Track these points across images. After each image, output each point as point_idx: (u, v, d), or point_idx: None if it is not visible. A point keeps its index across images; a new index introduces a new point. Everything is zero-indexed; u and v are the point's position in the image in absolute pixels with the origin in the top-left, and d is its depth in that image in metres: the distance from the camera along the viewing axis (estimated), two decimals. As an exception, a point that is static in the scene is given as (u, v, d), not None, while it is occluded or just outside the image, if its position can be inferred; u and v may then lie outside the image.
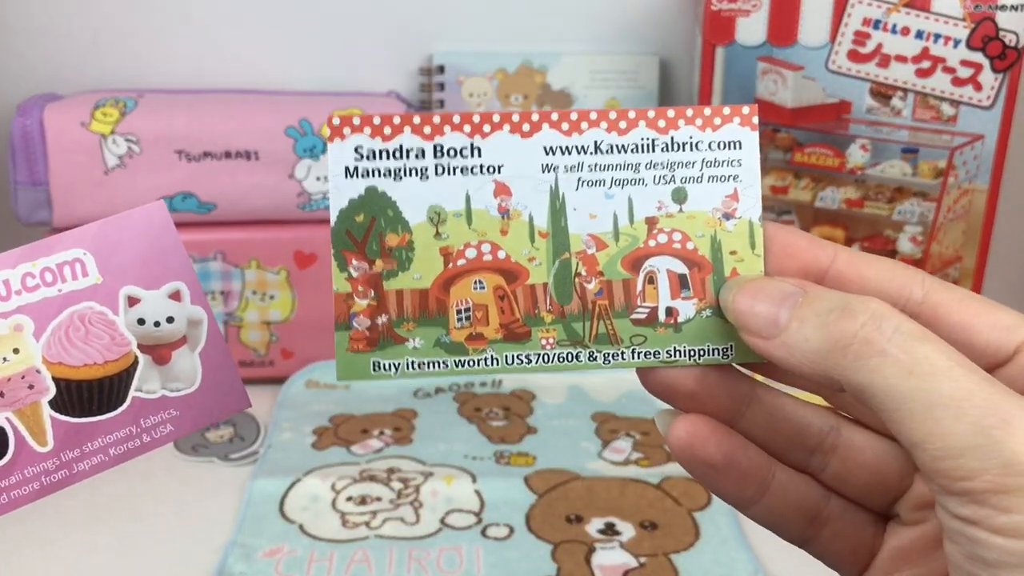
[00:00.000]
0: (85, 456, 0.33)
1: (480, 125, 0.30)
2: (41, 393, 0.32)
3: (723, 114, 0.31)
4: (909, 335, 0.26)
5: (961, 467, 0.25)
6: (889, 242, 0.71)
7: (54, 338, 0.33)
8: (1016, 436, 0.24)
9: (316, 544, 0.57)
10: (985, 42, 0.66)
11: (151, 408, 0.33)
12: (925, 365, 0.26)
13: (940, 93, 0.68)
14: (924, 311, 0.30)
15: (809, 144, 0.70)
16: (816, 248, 0.31)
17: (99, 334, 0.33)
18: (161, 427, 0.34)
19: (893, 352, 0.26)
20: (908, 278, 0.30)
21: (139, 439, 0.33)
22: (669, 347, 0.31)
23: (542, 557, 0.57)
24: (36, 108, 0.70)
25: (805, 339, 0.27)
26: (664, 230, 0.31)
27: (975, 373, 0.26)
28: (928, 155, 0.69)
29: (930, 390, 0.25)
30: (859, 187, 0.71)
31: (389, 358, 0.30)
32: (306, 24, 0.79)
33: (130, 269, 0.33)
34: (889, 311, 0.27)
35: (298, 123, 0.71)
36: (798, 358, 0.28)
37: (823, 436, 0.32)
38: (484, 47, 0.79)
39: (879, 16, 0.67)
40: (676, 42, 0.79)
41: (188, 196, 0.71)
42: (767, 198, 0.72)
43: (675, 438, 0.31)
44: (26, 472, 0.32)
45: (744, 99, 0.70)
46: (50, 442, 0.33)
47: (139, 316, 0.33)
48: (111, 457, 0.33)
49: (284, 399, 0.72)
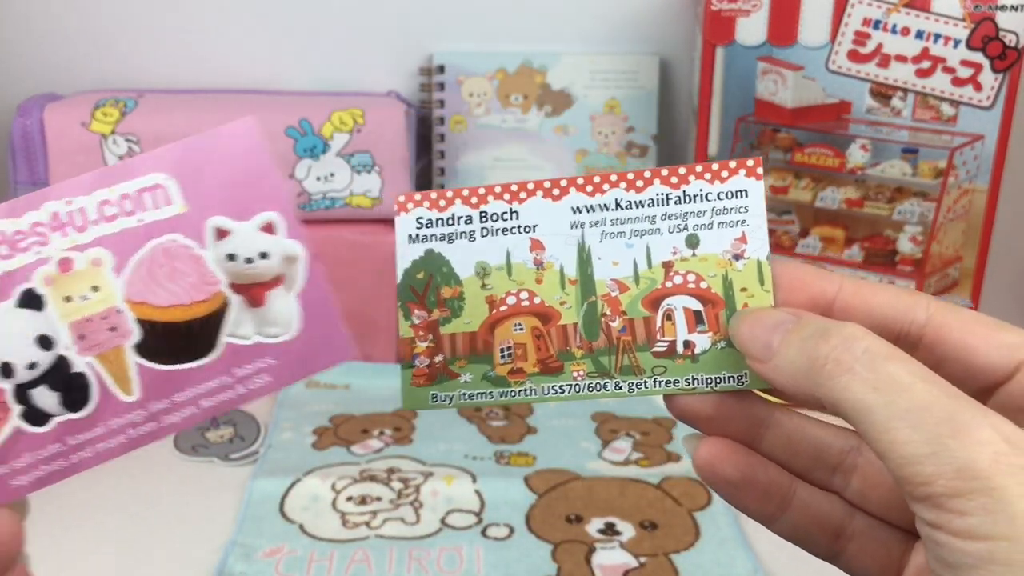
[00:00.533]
0: (175, 407, 0.30)
1: (517, 192, 0.34)
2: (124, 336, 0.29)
3: (730, 167, 0.34)
4: (876, 355, 0.28)
5: (920, 473, 0.27)
6: (889, 242, 0.71)
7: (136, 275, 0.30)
8: (969, 444, 0.26)
9: (316, 544, 0.57)
10: (985, 42, 0.66)
11: (245, 355, 0.30)
12: (889, 381, 0.28)
13: (940, 93, 0.68)
14: (928, 333, 0.32)
15: (809, 144, 0.70)
16: (822, 281, 0.33)
17: (185, 271, 0.30)
18: (257, 377, 0.31)
19: (859, 371, 0.28)
20: (912, 303, 0.32)
21: (233, 390, 0.31)
22: (688, 376, 0.34)
23: (542, 557, 0.57)
24: (36, 108, 0.70)
25: (791, 361, 0.30)
26: (680, 272, 0.34)
27: (937, 387, 0.28)
28: (928, 155, 0.69)
29: (892, 404, 0.27)
30: (859, 187, 0.71)
31: (445, 391, 0.34)
32: (306, 24, 0.79)
33: (217, 197, 0.30)
34: (862, 333, 0.29)
35: (298, 123, 0.71)
36: (785, 378, 0.30)
37: (843, 456, 0.34)
38: (484, 47, 0.79)
39: (879, 16, 0.67)
40: (676, 42, 0.79)
41: (188, 196, 0.71)
42: (767, 198, 0.72)
43: (698, 459, 0.34)
44: (111, 424, 0.30)
45: (744, 99, 0.70)
46: (136, 391, 0.30)
47: (229, 251, 0.30)
48: (203, 409, 0.30)
49: (284, 399, 0.72)
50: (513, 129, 0.79)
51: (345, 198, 0.72)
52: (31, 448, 0.30)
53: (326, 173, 0.71)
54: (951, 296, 0.72)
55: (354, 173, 0.72)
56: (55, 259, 0.29)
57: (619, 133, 0.79)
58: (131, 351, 0.30)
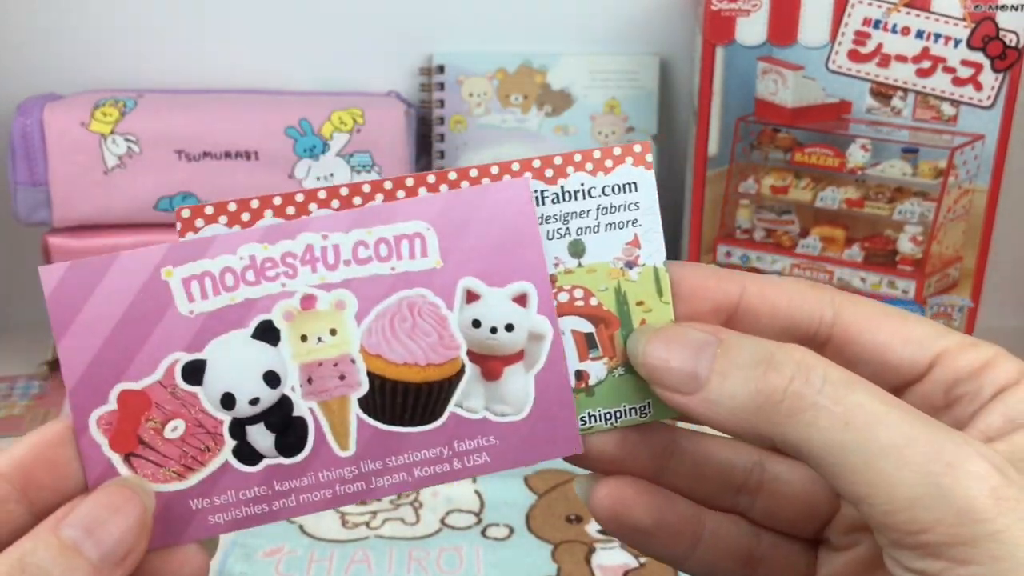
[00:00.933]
0: (387, 471, 0.28)
1: (327, 200, 0.29)
2: (352, 387, 0.28)
3: (614, 155, 0.30)
4: (839, 383, 0.25)
5: (914, 520, 0.24)
6: (889, 242, 0.71)
7: (377, 325, 0.28)
8: (964, 481, 0.24)
9: (316, 544, 0.57)
10: (985, 42, 0.66)
11: (469, 430, 0.29)
12: (860, 414, 0.25)
13: (940, 93, 0.67)
14: (836, 333, 0.29)
15: (809, 144, 0.70)
16: (724, 283, 0.30)
17: (427, 330, 0.28)
18: (476, 455, 0.29)
19: (825, 404, 0.25)
20: (817, 300, 0.29)
21: (449, 464, 0.29)
22: (583, 413, 0.30)
23: (542, 557, 0.57)
24: (36, 108, 0.70)
25: (731, 396, 0.26)
26: (564, 288, 0.30)
27: (912, 415, 0.25)
28: (928, 155, 0.69)
29: (870, 440, 0.24)
30: (859, 187, 0.71)
31: None
32: (306, 24, 0.78)
33: (475, 257, 0.28)
34: (814, 359, 0.26)
35: (298, 123, 0.71)
36: (724, 415, 0.27)
37: (748, 474, 0.32)
38: (484, 47, 0.79)
39: (879, 16, 0.67)
40: (676, 42, 0.79)
41: (188, 196, 0.71)
42: (768, 198, 0.72)
43: (599, 507, 0.30)
44: (321, 476, 0.28)
45: (744, 99, 0.70)
46: (352, 446, 0.28)
47: (475, 316, 0.28)
48: (414, 479, 0.29)
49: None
50: (513, 129, 0.79)
51: (345, 198, 0.72)
52: (236, 486, 0.28)
53: (326, 173, 0.71)
54: (952, 296, 0.72)
55: (354, 173, 0.72)
56: (299, 294, 0.28)
57: (619, 133, 0.79)
58: (355, 404, 0.28)
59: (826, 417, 0.25)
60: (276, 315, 0.28)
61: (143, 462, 0.28)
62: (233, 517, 0.28)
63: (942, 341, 0.28)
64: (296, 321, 0.28)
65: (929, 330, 0.29)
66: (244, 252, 0.28)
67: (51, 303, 0.27)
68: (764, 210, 0.73)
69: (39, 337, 0.77)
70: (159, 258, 0.28)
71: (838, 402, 0.25)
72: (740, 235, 0.73)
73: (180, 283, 0.28)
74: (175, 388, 0.28)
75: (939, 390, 0.28)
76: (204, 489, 0.28)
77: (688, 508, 0.31)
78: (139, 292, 0.27)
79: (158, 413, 0.28)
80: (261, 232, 0.28)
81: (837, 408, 0.25)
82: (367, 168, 0.72)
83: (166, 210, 0.71)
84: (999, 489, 0.23)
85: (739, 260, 0.73)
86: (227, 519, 0.28)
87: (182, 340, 0.28)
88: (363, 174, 0.72)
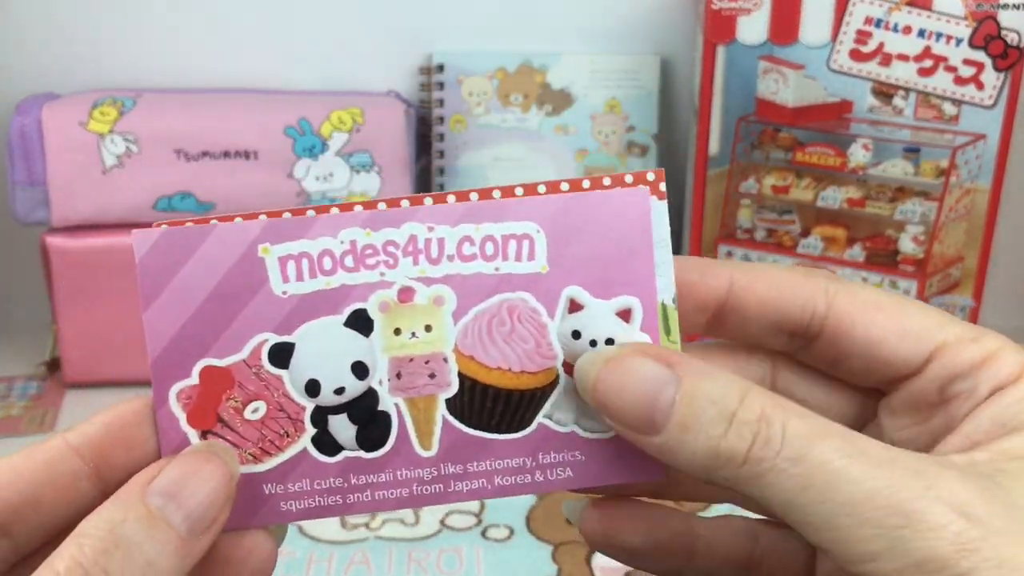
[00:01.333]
0: (467, 476, 0.28)
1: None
2: (441, 387, 0.27)
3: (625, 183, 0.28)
4: (797, 439, 0.24)
5: (877, 570, 0.24)
6: (891, 242, 0.71)
7: (474, 325, 0.27)
8: (922, 532, 0.23)
9: (316, 545, 0.57)
10: (987, 41, 0.66)
11: (555, 443, 0.28)
12: (819, 473, 0.24)
13: (942, 92, 0.67)
14: (828, 325, 0.28)
15: (810, 143, 0.70)
16: (709, 278, 0.29)
17: (525, 336, 0.27)
18: (559, 469, 0.28)
19: (784, 467, 0.24)
20: (809, 292, 0.28)
21: (531, 475, 0.28)
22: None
23: (543, 558, 0.56)
24: (34, 107, 0.70)
25: (692, 451, 0.25)
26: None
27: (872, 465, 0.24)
28: (930, 154, 0.69)
29: (829, 499, 0.24)
30: (861, 187, 0.70)
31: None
32: (306, 23, 0.78)
33: (583, 265, 0.27)
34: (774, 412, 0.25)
35: (297, 123, 0.71)
36: (682, 464, 0.26)
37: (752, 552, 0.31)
38: (484, 46, 0.79)
39: (881, 15, 0.67)
40: (677, 41, 0.79)
41: (187, 196, 0.70)
42: (769, 198, 0.72)
43: (588, 530, 0.30)
44: (399, 474, 0.27)
45: (745, 98, 0.70)
46: (435, 447, 0.27)
47: (576, 327, 0.27)
48: (493, 487, 0.28)
49: (283, 400, 0.72)
50: (513, 129, 0.79)
51: (344, 198, 0.72)
52: (312, 476, 0.27)
53: (325, 173, 0.71)
54: (953, 296, 0.72)
55: (353, 173, 0.72)
56: (398, 285, 0.27)
57: (619, 133, 0.79)
58: (443, 404, 0.27)
59: (786, 479, 0.24)
60: (372, 305, 0.27)
61: (220, 441, 0.27)
62: (306, 506, 0.28)
63: (941, 334, 0.28)
64: (391, 313, 0.27)
65: (929, 321, 0.28)
66: (345, 236, 0.27)
67: (141, 269, 0.27)
68: (765, 210, 0.72)
69: (37, 337, 0.77)
70: (257, 233, 0.27)
71: (797, 463, 0.24)
72: (741, 235, 0.73)
73: (277, 261, 0.27)
74: (260, 369, 0.27)
75: (934, 387, 0.28)
76: (279, 475, 0.27)
77: (680, 523, 0.31)
78: (233, 267, 0.27)
79: (240, 393, 0.27)
80: (365, 217, 0.27)
81: (796, 469, 0.24)
82: (367, 168, 0.72)
83: (165, 210, 0.70)
84: (961, 535, 0.23)
85: (740, 260, 0.73)
86: (299, 507, 0.28)
87: (272, 321, 0.27)
88: (362, 174, 0.72)
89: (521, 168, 0.79)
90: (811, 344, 0.28)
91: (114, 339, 0.72)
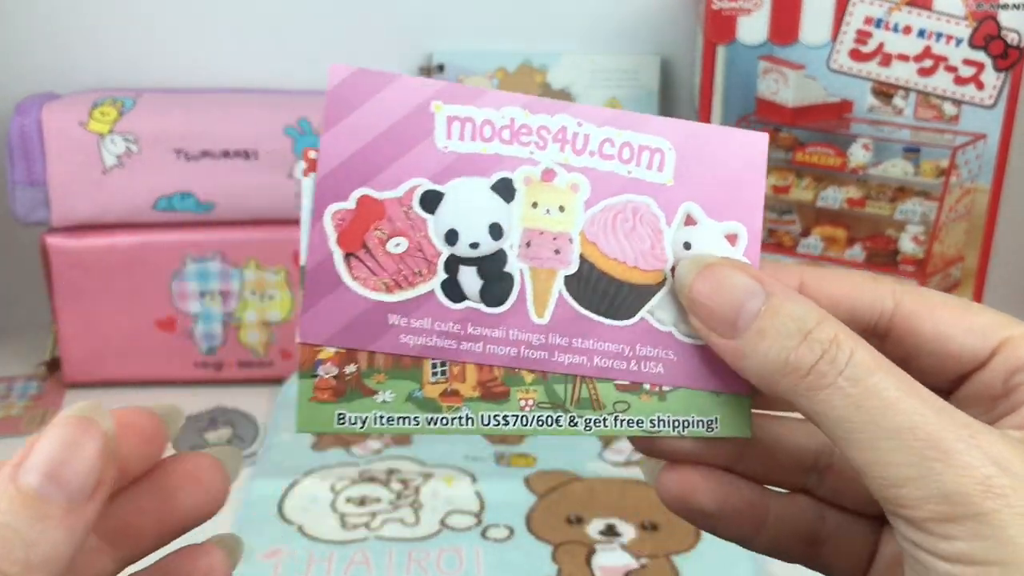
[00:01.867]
0: (570, 350, 0.30)
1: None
2: (563, 263, 0.30)
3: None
4: (860, 365, 0.27)
5: (905, 496, 0.26)
6: (891, 242, 0.71)
7: (601, 216, 0.30)
8: (955, 468, 0.25)
9: (315, 545, 0.57)
10: (987, 41, 0.66)
11: (654, 339, 0.30)
12: (873, 398, 0.26)
13: (942, 92, 0.67)
14: (897, 323, 0.30)
15: (810, 143, 0.70)
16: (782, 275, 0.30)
17: (643, 236, 0.30)
18: (653, 363, 0.30)
19: (843, 385, 0.26)
20: (877, 292, 0.30)
21: (627, 363, 0.30)
22: (653, 416, 0.30)
23: (542, 558, 0.56)
24: (34, 107, 0.70)
25: (763, 355, 0.28)
26: None
27: (923, 403, 0.26)
28: (930, 154, 0.69)
29: (877, 423, 0.26)
30: (861, 187, 0.70)
31: (356, 411, 0.29)
32: (306, 23, 0.78)
33: (703, 187, 0.30)
34: (847, 339, 0.27)
35: (297, 122, 0.71)
36: (751, 369, 0.28)
37: (818, 456, 0.33)
38: (484, 46, 0.79)
39: (881, 15, 0.67)
40: (677, 41, 0.79)
41: (186, 195, 0.70)
42: (769, 198, 0.72)
43: (664, 490, 0.31)
44: (511, 333, 0.30)
45: (745, 98, 0.70)
46: (547, 316, 0.30)
47: (688, 239, 0.30)
48: (592, 366, 0.30)
49: (283, 399, 0.72)
50: (513, 129, 0.79)
51: (344, 198, 0.72)
52: (434, 315, 0.29)
53: (325, 173, 0.71)
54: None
55: (353, 173, 0.72)
56: (543, 166, 0.30)
57: (619, 133, 0.79)
58: (561, 279, 0.30)
59: (842, 397, 0.26)
60: (517, 176, 0.30)
61: (360, 264, 0.29)
62: (423, 343, 0.29)
63: (1005, 330, 0.29)
64: (533, 187, 0.30)
65: (993, 319, 0.29)
66: (507, 112, 0.30)
67: (329, 98, 0.29)
68: (765, 210, 0.72)
69: (37, 337, 0.77)
70: (434, 91, 0.30)
71: (855, 383, 0.26)
72: (741, 235, 0.73)
73: (445, 119, 0.29)
74: (409, 209, 0.29)
75: (999, 378, 0.29)
76: (406, 309, 0.29)
77: (753, 493, 0.32)
78: (407, 114, 0.29)
79: (387, 226, 0.29)
80: (526, 99, 0.30)
81: (853, 390, 0.26)
82: (367, 168, 0.72)
83: (165, 209, 0.70)
84: (991, 479, 0.25)
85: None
86: (416, 343, 0.29)
87: (429, 169, 0.29)
88: (363, 174, 0.72)
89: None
90: (882, 343, 0.30)
91: (114, 339, 0.72)
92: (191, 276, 0.72)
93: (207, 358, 0.74)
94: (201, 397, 0.73)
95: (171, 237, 0.71)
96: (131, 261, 0.71)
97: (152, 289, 0.72)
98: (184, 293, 0.72)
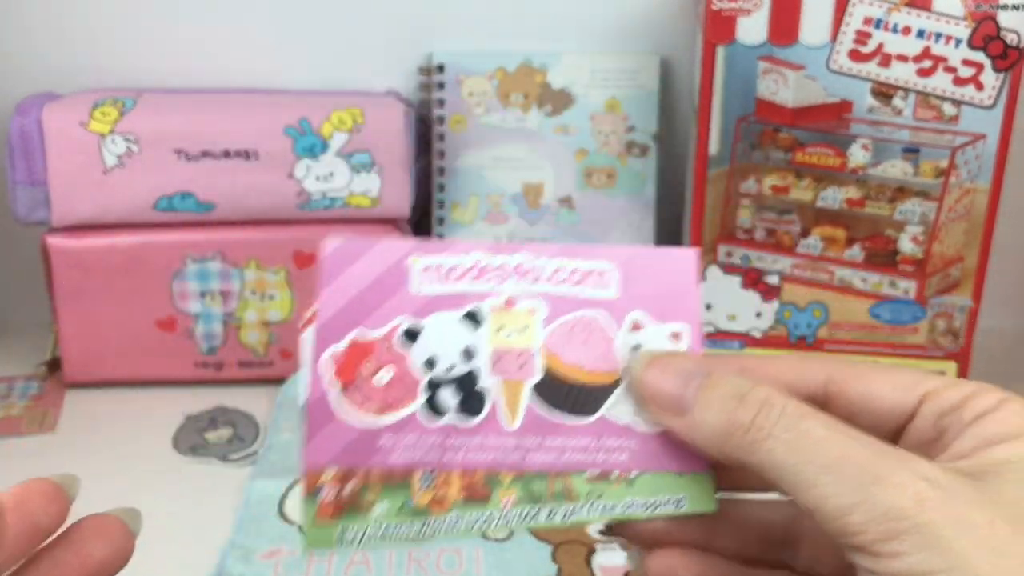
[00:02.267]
0: (541, 449, 0.33)
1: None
2: (529, 374, 0.34)
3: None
4: (792, 415, 0.30)
5: (852, 523, 0.28)
6: (890, 242, 0.71)
7: (559, 331, 0.35)
8: (889, 488, 0.27)
9: (315, 545, 0.57)
10: (986, 41, 0.66)
11: (614, 432, 0.34)
12: (806, 440, 0.29)
13: (941, 93, 0.67)
14: (830, 391, 0.33)
15: (810, 144, 0.70)
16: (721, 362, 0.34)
17: (596, 343, 0.35)
18: (617, 453, 0.34)
19: (779, 434, 0.30)
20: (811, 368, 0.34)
21: (595, 455, 0.34)
22: (624, 500, 0.33)
23: (542, 558, 0.56)
24: (34, 107, 0.70)
25: (711, 423, 0.31)
26: None
27: (851, 438, 0.29)
28: (929, 155, 0.69)
29: (813, 460, 0.29)
30: (860, 187, 0.70)
31: (356, 525, 0.32)
32: (305, 23, 0.78)
33: (646, 297, 0.35)
34: (777, 397, 0.30)
35: (297, 123, 0.71)
36: (702, 438, 0.31)
37: (787, 529, 0.35)
38: (484, 46, 0.79)
39: (880, 15, 0.67)
40: (677, 41, 0.79)
41: (187, 196, 0.70)
42: (769, 198, 0.72)
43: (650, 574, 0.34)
44: (488, 441, 0.33)
45: (745, 98, 0.70)
46: (518, 422, 0.34)
47: (637, 342, 0.35)
48: (563, 462, 0.34)
49: (283, 399, 0.72)
50: (513, 129, 0.79)
51: (344, 198, 0.72)
52: (419, 432, 0.33)
53: (325, 173, 0.71)
54: (952, 296, 0.72)
55: (353, 173, 0.72)
56: (505, 296, 0.35)
57: (619, 133, 0.79)
58: (529, 388, 0.34)
59: (780, 445, 0.29)
60: (484, 307, 0.35)
61: (356, 392, 0.33)
62: (410, 458, 0.33)
63: (927, 384, 0.32)
64: (498, 314, 0.35)
65: (915, 376, 0.33)
66: (473, 256, 0.35)
67: (323, 264, 0.34)
68: (765, 210, 0.72)
69: (38, 337, 0.77)
70: (410, 247, 0.35)
71: (788, 430, 0.30)
72: (741, 235, 0.73)
73: (420, 269, 0.35)
74: (392, 344, 0.34)
75: (928, 424, 0.32)
76: (394, 429, 0.33)
77: (732, 570, 0.34)
78: (386, 270, 0.34)
79: (375, 360, 0.34)
80: (489, 245, 0.35)
81: (788, 435, 0.29)
82: (367, 168, 0.72)
83: (165, 210, 0.70)
84: (922, 492, 0.27)
85: (740, 260, 0.73)
86: (404, 458, 0.33)
87: (409, 310, 0.34)
88: (362, 174, 0.72)
89: (521, 168, 0.80)
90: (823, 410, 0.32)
91: (114, 339, 0.72)
92: (191, 276, 0.72)
93: (207, 358, 0.74)
94: (201, 397, 0.73)
95: (171, 237, 0.71)
96: (131, 261, 0.71)
97: (152, 289, 0.72)
98: (184, 293, 0.72)
